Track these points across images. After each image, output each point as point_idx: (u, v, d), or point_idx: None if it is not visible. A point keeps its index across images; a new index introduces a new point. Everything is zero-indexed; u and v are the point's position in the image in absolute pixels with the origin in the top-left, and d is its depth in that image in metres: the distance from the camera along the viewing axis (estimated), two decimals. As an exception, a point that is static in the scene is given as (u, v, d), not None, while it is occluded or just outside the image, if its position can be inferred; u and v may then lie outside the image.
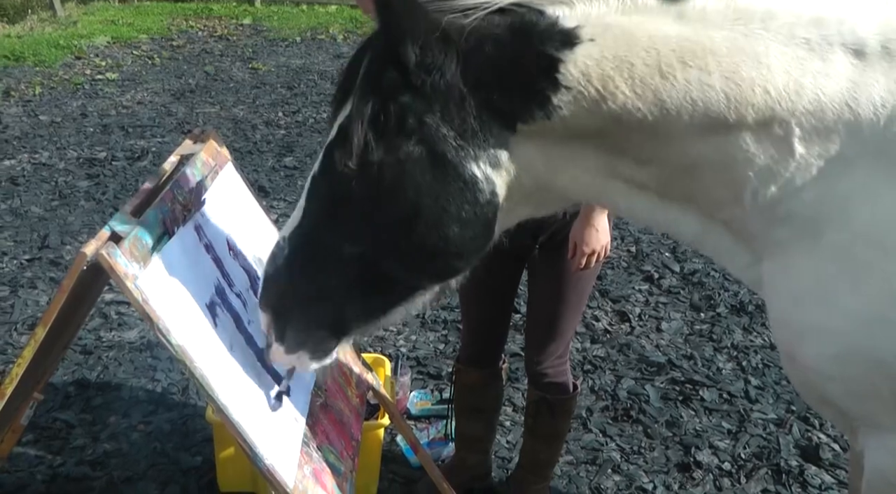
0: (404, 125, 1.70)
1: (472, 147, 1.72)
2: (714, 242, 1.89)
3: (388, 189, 1.75)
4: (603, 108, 1.67)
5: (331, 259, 1.87)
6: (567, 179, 1.82)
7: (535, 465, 3.45)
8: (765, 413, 4.17)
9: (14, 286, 5.32)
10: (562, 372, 3.24)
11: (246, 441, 2.03)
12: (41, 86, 9.95)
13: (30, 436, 3.89)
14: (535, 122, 1.71)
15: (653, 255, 5.80)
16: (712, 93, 1.64)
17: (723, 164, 1.72)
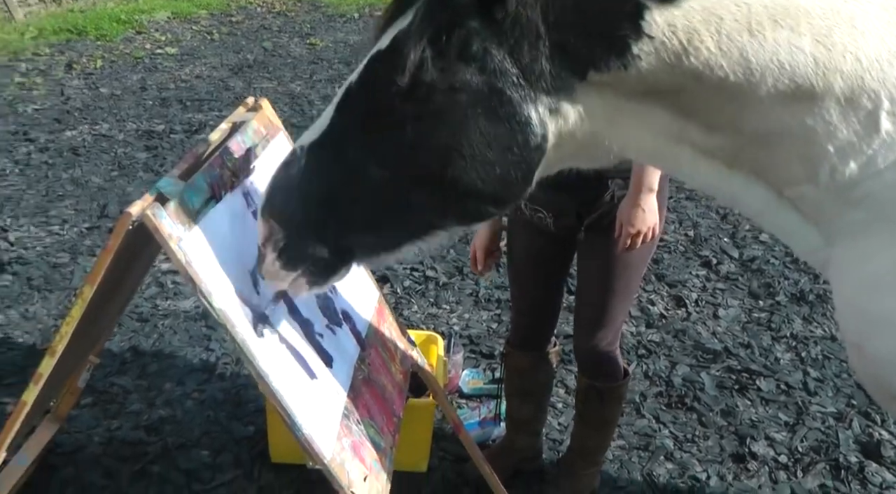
0: (468, 50, 1.58)
1: (535, 89, 1.60)
2: (780, 220, 1.77)
3: (435, 114, 1.62)
4: (684, 63, 1.56)
5: (353, 178, 1.74)
6: (629, 138, 1.71)
7: (585, 451, 3.38)
8: (824, 406, 4.06)
9: (74, 253, 5.40)
10: (611, 358, 3.14)
11: (285, 410, 2.01)
12: (102, 60, 10.06)
13: (88, 399, 3.95)
14: (610, 72, 1.59)
15: (711, 240, 5.68)
16: (801, 56, 1.53)
17: (802, 136, 1.60)
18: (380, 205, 1.75)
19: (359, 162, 1.72)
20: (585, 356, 3.15)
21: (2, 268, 5.17)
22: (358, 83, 1.72)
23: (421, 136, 1.64)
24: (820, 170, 1.63)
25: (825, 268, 1.79)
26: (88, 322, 2.43)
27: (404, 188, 1.71)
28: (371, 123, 1.69)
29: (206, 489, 3.44)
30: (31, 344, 4.40)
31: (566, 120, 1.66)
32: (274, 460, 3.55)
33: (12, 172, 6.71)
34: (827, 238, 1.73)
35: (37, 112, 8.18)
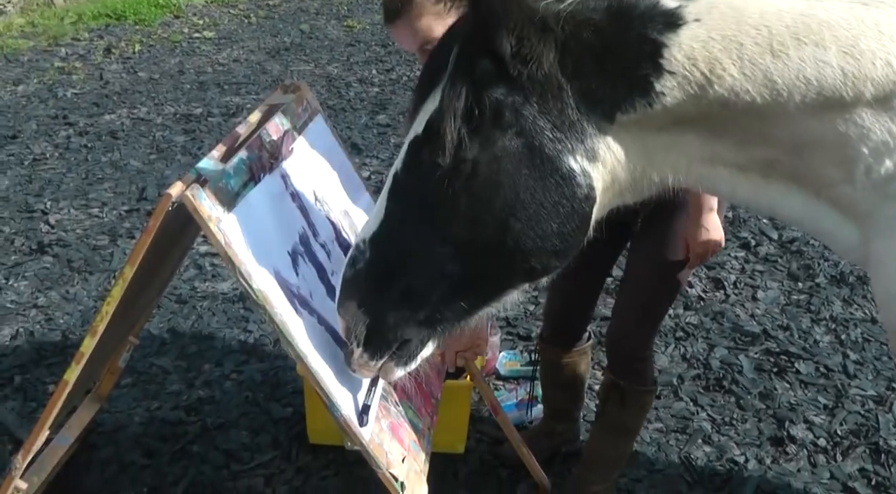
0: (500, 118, 1.61)
1: (570, 139, 1.62)
2: (820, 221, 1.77)
3: (483, 186, 1.65)
4: (709, 93, 1.57)
5: (418, 261, 1.77)
6: (666, 168, 1.72)
7: (599, 460, 3.23)
8: (863, 389, 4.02)
9: (113, 236, 5.46)
10: (641, 358, 3.05)
11: (324, 391, 2.02)
12: (140, 44, 10.13)
13: (128, 380, 4.01)
14: (636, 112, 1.61)
15: (750, 222, 5.62)
16: (828, 70, 1.52)
17: (835, 142, 1.60)
18: (449, 280, 1.78)
19: (421, 244, 1.76)
20: (617, 349, 3.06)
21: (42, 250, 5.24)
22: (403, 170, 1.77)
23: (474, 209, 1.68)
24: (855, 171, 1.63)
25: (865, 264, 1.80)
26: (128, 303, 2.46)
27: (469, 260, 1.75)
28: (424, 206, 1.73)
29: (244, 469, 3.48)
30: (72, 325, 4.46)
31: (605, 163, 1.67)
32: (312, 441, 3.57)
33: (52, 156, 6.79)
34: (865, 234, 1.73)
35: (76, 96, 8.26)
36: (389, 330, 1.88)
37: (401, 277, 1.81)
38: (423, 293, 1.81)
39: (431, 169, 1.67)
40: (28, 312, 4.59)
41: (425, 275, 1.78)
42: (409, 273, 1.79)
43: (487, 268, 1.77)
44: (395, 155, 5.93)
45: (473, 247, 1.73)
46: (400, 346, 1.92)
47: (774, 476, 3.46)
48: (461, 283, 1.79)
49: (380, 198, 1.83)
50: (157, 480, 3.43)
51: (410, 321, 1.86)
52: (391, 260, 1.81)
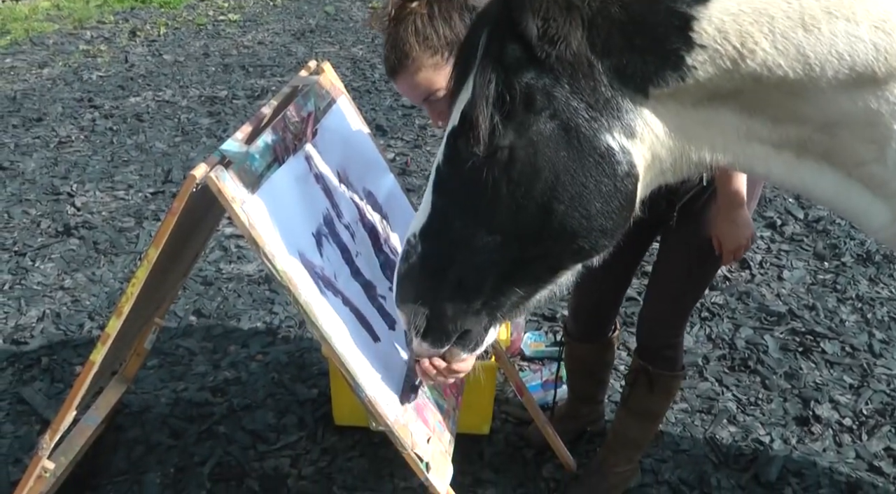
0: (533, 102, 1.60)
1: (605, 117, 1.61)
2: (851, 201, 1.74)
3: (523, 171, 1.65)
4: (741, 67, 1.54)
5: (468, 251, 1.78)
6: (703, 144, 1.70)
7: (623, 442, 3.22)
8: (889, 368, 3.99)
9: (139, 218, 5.49)
10: (671, 345, 3.03)
11: (348, 371, 2.03)
12: (165, 27, 10.16)
13: (154, 361, 4.04)
14: (669, 86, 1.59)
15: (776, 201, 5.59)
16: (860, 45, 1.50)
17: (867, 120, 1.58)
18: (501, 266, 1.79)
19: (468, 235, 1.76)
20: (648, 337, 3.06)
21: (69, 233, 5.28)
22: (444, 162, 1.77)
23: (515, 196, 1.68)
24: (887, 150, 1.61)
25: (894, 243, 1.79)
26: (154, 284, 2.47)
27: (518, 245, 1.75)
28: (468, 196, 1.73)
29: (270, 450, 3.50)
30: (98, 306, 4.50)
31: (643, 139, 1.65)
32: (337, 422, 3.59)
33: (78, 139, 6.83)
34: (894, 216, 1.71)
35: (101, 79, 8.30)
36: (448, 321, 1.90)
37: (453, 269, 1.82)
38: (477, 282, 1.82)
39: (470, 159, 1.68)
40: (55, 294, 4.63)
41: (476, 265, 1.79)
42: (460, 264, 1.80)
43: (536, 253, 1.77)
44: (420, 136, 5.96)
45: (520, 234, 1.73)
46: (461, 336, 1.94)
47: (800, 456, 3.45)
48: (512, 270, 1.80)
49: (426, 192, 1.85)
50: (183, 460, 3.46)
51: (468, 310, 1.88)
52: (442, 253, 1.82)
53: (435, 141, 6.60)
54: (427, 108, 2.46)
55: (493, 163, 1.65)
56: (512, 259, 1.77)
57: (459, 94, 1.72)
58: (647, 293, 3.03)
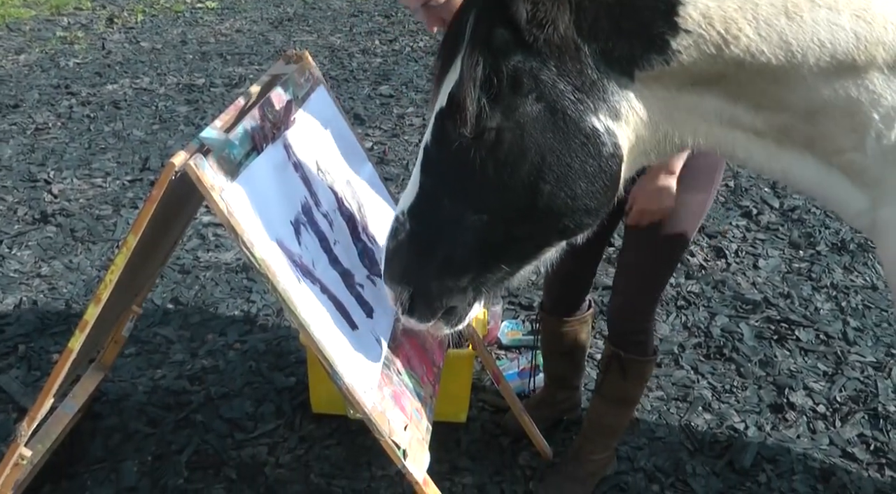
0: (520, 85, 1.63)
1: (591, 99, 1.64)
2: (831, 189, 1.79)
3: (509, 152, 1.69)
4: (725, 52, 1.58)
5: (455, 229, 1.82)
6: (686, 128, 1.74)
7: (599, 431, 3.23)
8: (863, 355, 4.04)
9: (116, 205, 5.47)
10: (643, 330, 3.03)
11: (326, 359, 2.04)
12: (143, 14, 10.10)
13: (132, 349, 4.03)
14: (654, 69, 1.63)
15: (752, 190, 5.63)
16: (841, 33, 1.54)
17: (847, 108, 1.62)
18: (487, 244, 1.83)
19: (456, 213, 1.80)
20: (619, 322, 3.05)
21: (46, 220, 5.25)
22: (431, 142, 1.81)
23: (502, 176, 1.72)
24: (867, 138, 1.65)
25: (872, 230, 1.82)
26: (132, 271, 2.47)
27: (504, 224, 1.79)
28: (455, 176, 1.77)
29: (248, 438, 3.51)
30: (75, 294, 4.49)
31: (628, 121, 1.69)
32: (315, 410, 3.60)
33: (55, 125, 6.79)
34: (874, 201, 1.75)
35: (78, 66, 8.25)
36: (434, 297, 1.94)
37: (440, 246, 1.86)
38: (463, 260, 1.86)
39: (457, 140, 1.70)
40: (31, 281, 4.61)
41: (463, 243, 1.83)
42: (447, 241, 1.85)
43: (522, 232, 1.81)
44: (398, 125, 5.97)
45: (506, 213, 1.77)
46: (447, 311, 1.98)
47: (774, 443, 3.49)
48: (498, 248, 1.85)
49: (414, 171, 1.87)
50: (160, 448, 3.46)
51: (454, 288, 1.92)
52: (429, 231, 1.86)
53: (413, 130, 6.61)
54: (424, 14, 2.43)
55: (481, 143, 1.69)
56: (498, 237, 1.81)
57: (447, 76, 1.75)
58: (616, 279, 3.05)
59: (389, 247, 1.94)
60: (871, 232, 1.82)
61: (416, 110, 7.00)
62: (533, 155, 1.68)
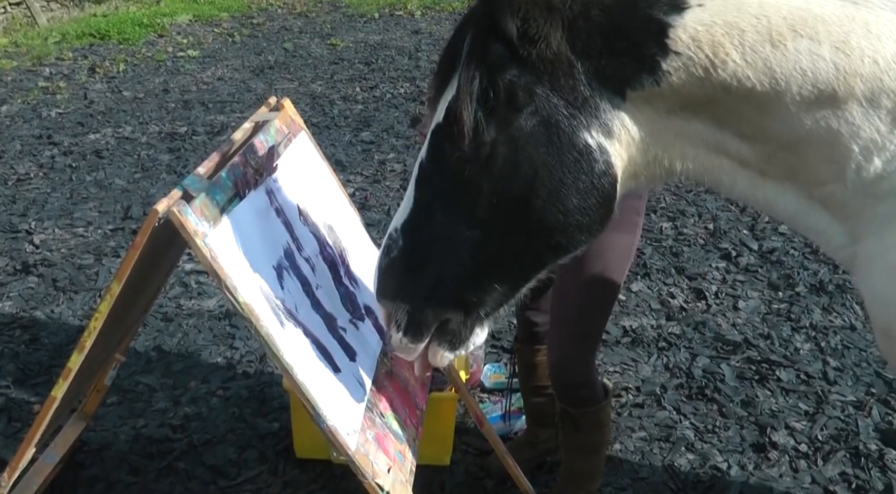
0: (515, 99, 1.67)
1: (584, 116, 1.69)
2: (811, 221, 1.83)
3: (503, 166, 1.72)
4: (713, 76, 1.64)
5: (449, 245, 1.83)
6: (675, 152, 1.78)
7: (573, 478, 3.21)
8: (843, 395, 4.07)
9: (98, 254, 5.47)
10: (584, 384, 2.95)
11: (310, 402, 2.05)
12: (125, 64, 10.16)
13: (114, 398, 4.01)
14: (645, 89, 1.68)
15: (731, 233, 5.69)
16: (822, 63, 1.60)
17: (827, 139, 1.67)
18: (480, 262, 1.84)
19: (450, 228, 1.82)
20: (558, 379, 2.99)
21: (27, 271, 5.25)
22: (427, 158, 1.83)
23: (496, 190, 1.75)
24: (847, 170, 1.69)
25: (852, 264, 1.84)
26: (115, 319, 2.48)
27: (497, 240, 1.81)
28: (449, 191, 1.80)
29: (231, 485, 3.49)
30: (57, 344, 4.47)
31: (620, 140, 1.74)
32: (299, 456, 3.59)
33: (37, 176, 6.81)
34: (854, 235, 1.79)
35: (60, 116, 8.29)
36: (427, 315, 1.93)
37: (433, 263, 1.87)
38: (457, 277, 1.87)
39: (453, 154, 1.74)
40: (13, 332, 4.60)
41: (457, 260, 1.84)
42: (440, 258, 1.85)
43: (514, 248, 1.83)
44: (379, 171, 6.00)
45: (499, 229, 1.79)
46: (442, 331, 1.97)
47: (757, 482, 3.50)
48: (491, 265, 1.86)
49: (409, 187, 1.89)
50: (144, 497, 3.44)
51: (447, 304, 1.92)
52: (423, 247, 1.87)
53: (394, 175, 6.66)
54: None
55: (476, 158, 1.72)
56: (491, 254, 1.83)
57: (444, 93, 1.79)
58: (550, 333, 2.98)
59: (382, 265, 1.94)
60: (851, 266, 1.85)
61: (397, 156, 7.06)
62: (526, 169, 1.71)
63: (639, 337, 4.52)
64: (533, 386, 3.43)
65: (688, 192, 6.29)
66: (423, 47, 10.75)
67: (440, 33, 11.48)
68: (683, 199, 6.19)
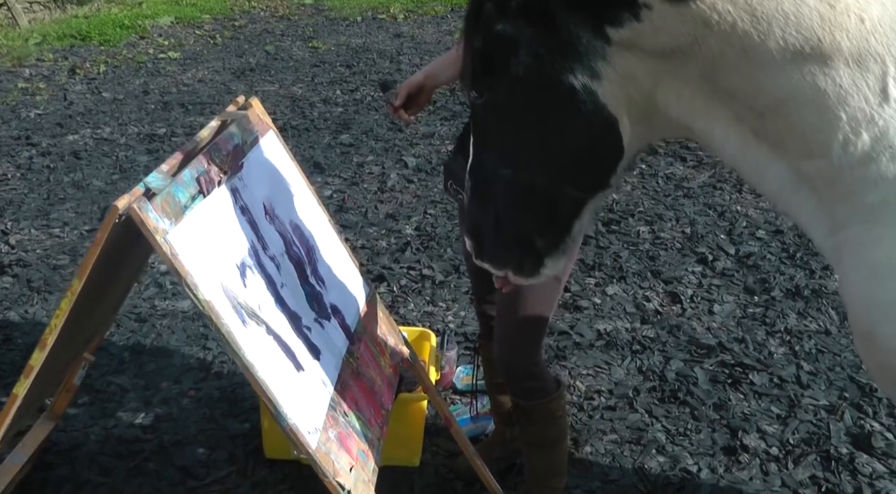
0: (505, 49, 1.75)
1: (567, 60, 1.72)
2: (798, 200, 1.79)
3: (506, 111, 1.84)
4: (692, 8, 1.60)
5: (495, 184, 1.95)
6: (671, 95, 1.77)
7: (536, 476, 3.21)
8: (816, 399, 4.08)
9: (74, 255, 5.44)
10: (532, 375, 2.96)
11: (270, 400, 2.05)
12: (105, 65, 10.10)
13: (85, 398, 3.99)
14: (625, 26, 1.66)
15: (708, 237, 5.70)
16: (805, 8, 1.57)
17: (814, 101, 1.62)
18: (523, 199, 1.94)
19: (492, 169, 1.95)
20: (506, 371, 2.99)
21: (2, 271, 5.22)
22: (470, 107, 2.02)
23: (506, 132, 1.89)
24: (833, 142, 1.64)
25: (835, 254, 1.79)
26: (82, 316, 2.47)
27: (523, 179, 1.91)
28: (483, 135, 1.96)
29: (200, 485, 3.47)
30: (31, 344, 4.43)
31: (611, 81, 1.75)
32: (268, 456, 3.58)
33: (14, 176, 6.76)
34: (840, 223, 1.73)
35: (39, 117, 8.24)
36: (498, 248, 2.05)
37: (489, 201, 2.00)
38: (509, 214, 1.97)
39: (473, 102, 1.92)
40: (-15, 332, 4.57)
41: (505, 198, 1.95)
42: (493, 197, 1.98)
43: (539, 188, 1.91)
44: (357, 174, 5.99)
45: (520, 168, 1.90)
46: (514, 262, 2.06)
47: (727, 485, 3.51)
48: (535, 202, 1.94)
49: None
50: (113, 498, 3.42)
51: (511, 239, 2.02)
52: (481, 186, 2.01)
53: (372, 178, 6.65)
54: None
55: (487, 105, 1.88)
56: (527, 190, 1.92)
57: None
58: (494, 328, 3.00)
59: (465, 202, 2.10)
60: (835, 258, 1.79)
61: (376, 159, 7.06)
62: (525, 113, 1.82)
63: (613, 340, 4.52)
64: (497, 383, 3.42)
65: (666, 197, 6.31)
66: (405, 51, 10.74)
67: (422, 37, 11.48)
68: (661, 204, 6.20)
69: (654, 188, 6.48)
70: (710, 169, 6.81)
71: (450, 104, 8.24)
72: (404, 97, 2.92)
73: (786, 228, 5.76)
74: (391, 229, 5.79)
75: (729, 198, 6.31)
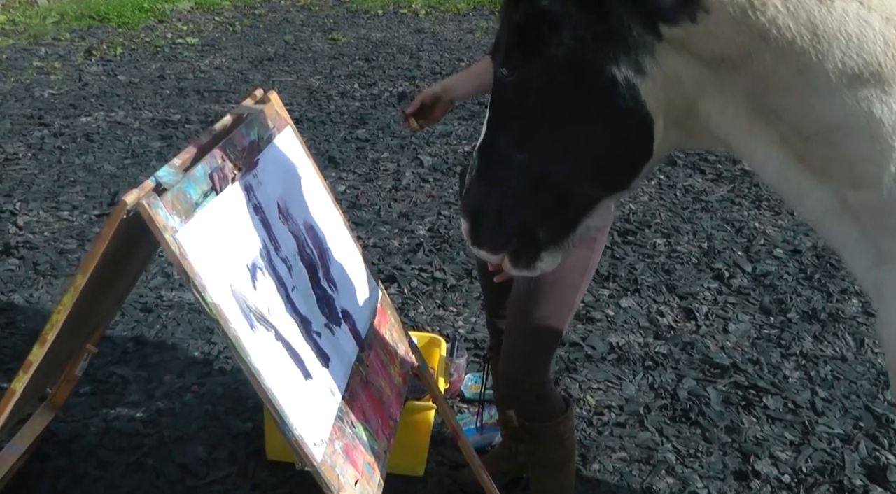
0: (546, 29, 1.67)
1: (612, 49, 1.63)
2: (840, 230, 1.72)
3: (536, 93, 1.75)
4: (751, 18, 1.52)
5: (506, 168, 1.88)
6: (714, 106, 1.69)
7: (542, 493, 3.13)
8: (831, 427, 3.99)
9: (82, 240, 5.38)
10: (539, 397, 2.87)
11: (276, 409, 1.98)
12: (122, 47, 10.05)
13: (87, 388, 3.92)
14: (679, 25, 1.58)
15: (725, 253, 5.61)
16: (869, 31, 1.48)
17: (868, 130, 1.54)
18: (532, 188, 1.87)
19: (505, 151, 1.88)
20: (513, 392, 2.92)
21: (8, 252, 5.15)
22: (493, 85, 1.90)
23: (534, 116, 1.79)
24: (885, 174, 1.57)
25: (876, 289, 1.72)
26: (85, 310, 2.40)
27: (541, 167, 1.84)
28: (502, 114, 1.88)
29: (199, 484, 3.40)
30: (34, 328, 4.37)
31: (655, 79, 1.66)
32: (270, 458, 3.51)
33: (25, 156, 6.71)
34: (885, 257, 1.67)
35: (53, 97, 8.18)
36: (497, 234, 1.98)
37: (496, 185, 1.92)
38: (515, 199, 1.90)
39: (503, 80, 1.81)
40: (-12, 315, 4.51)
41: (514, 184, 1.88)
42: (502, 181, 1.90)
43: (559, 176, 1.84)
44: (372, 170, 5.92)
45: (539, 155, 1.82)
46: (512, 250, 2.00)
47: (737, 512, 3.43)
48: (544, 193, 1.87)
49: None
50: (109, 493, 3.34)
51: (512, 227, 1.95)
52: (490, 168, 1.93)
53: (386, 175, 6.58)
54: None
55: (516, 83, 1.77)
56: (541, 181, 1.85)
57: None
58: (503, 343, 2.92)
59: (466, 182, 2.01)
60: (876, 294, 1.72)
61: (391, 156, 6.97)
62: (555, 97, 1.74)
63: (625, 355, 4.44)
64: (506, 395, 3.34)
65: (683, 209, 6.22)
66: (426, 47, 10.66)
67: (443, 34, 11.39)
68: (679, 216, 6.11)
69: (672, 200, 6.39)
70: (728, 182, 6.72)
71: (468, 103, 8.13)
72: (417, 106, 2.89)
73: (804, 248, 5.66)
74: (404, 229, 5.71)
75: (747, 213, 6.21)
